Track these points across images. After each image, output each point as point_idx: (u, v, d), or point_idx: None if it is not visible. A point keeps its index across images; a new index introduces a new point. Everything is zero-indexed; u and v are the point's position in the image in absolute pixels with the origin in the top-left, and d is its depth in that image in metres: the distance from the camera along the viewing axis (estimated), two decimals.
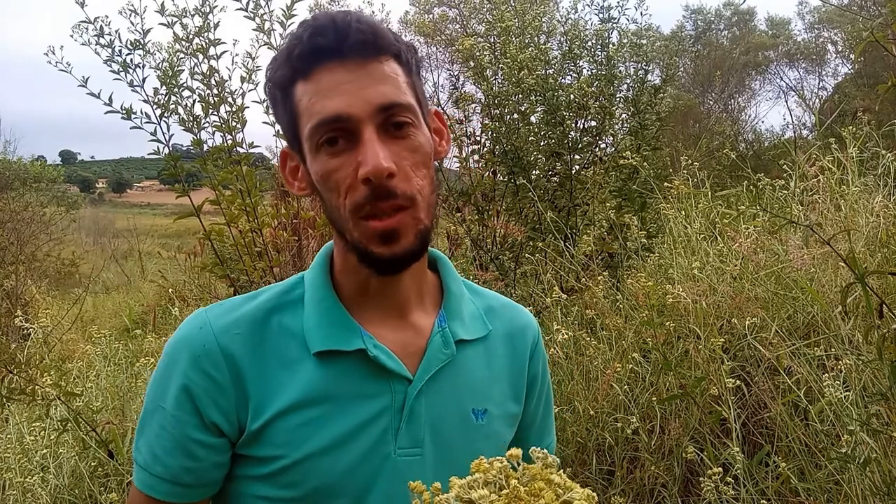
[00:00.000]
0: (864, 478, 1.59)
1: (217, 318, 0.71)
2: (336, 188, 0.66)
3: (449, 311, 0.77)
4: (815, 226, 1.80)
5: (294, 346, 0.70)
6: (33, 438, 2.32)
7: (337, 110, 0.64)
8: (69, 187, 16.60)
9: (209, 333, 0.69)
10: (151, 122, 2.47)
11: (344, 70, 0.64)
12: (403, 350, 0.73)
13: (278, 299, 0.74)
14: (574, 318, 2.54)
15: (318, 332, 0.70)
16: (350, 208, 0.65)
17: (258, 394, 0.69)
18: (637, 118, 3.73)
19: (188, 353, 0.69)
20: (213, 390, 0.68)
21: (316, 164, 0.67)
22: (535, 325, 0.86)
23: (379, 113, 0.64)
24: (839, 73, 14.00)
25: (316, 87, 0.65)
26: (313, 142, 0.66)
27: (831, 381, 1.65)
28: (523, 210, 3.66)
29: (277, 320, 0.72)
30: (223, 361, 0.68)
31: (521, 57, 3.56)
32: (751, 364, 2.14)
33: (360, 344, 0.70)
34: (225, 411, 0.69)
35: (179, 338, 0.71)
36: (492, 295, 0.86)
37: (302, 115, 0.66)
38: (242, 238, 2.55)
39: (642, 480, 2.00)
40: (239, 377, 0.69)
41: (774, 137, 10.17)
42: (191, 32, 2.50)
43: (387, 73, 0.66)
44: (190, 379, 0.68)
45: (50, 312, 3.43)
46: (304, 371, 0.69)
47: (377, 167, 0.62)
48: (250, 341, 0.70)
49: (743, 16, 15.01)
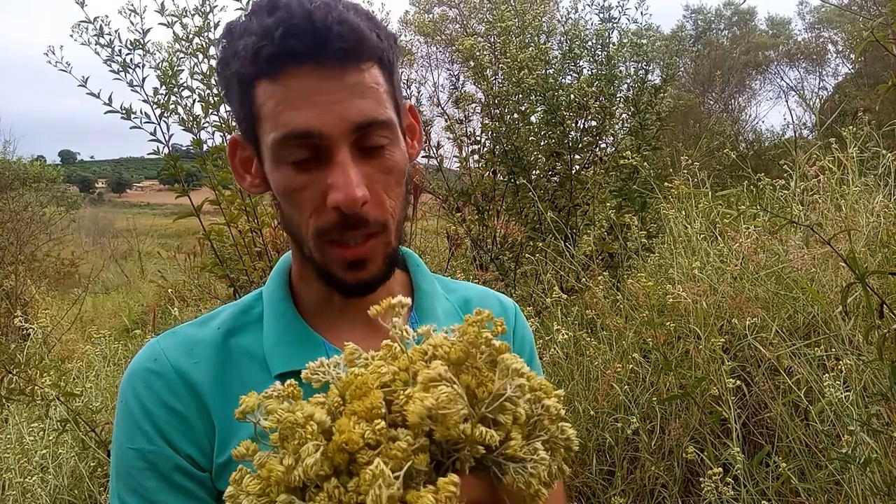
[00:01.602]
0: (865, 478, 1.59)
1: (172, 349, 0.66)
2: (299, 206, 0.60)
3: (421, 312, 0.72)
4: (816, 226, 1.80)
5: (255, 369, 0.65)
6: (33, 439, 2.32)
7: (308, 125, 0.57)
8: (69, 187, 16.60)
9: (165, 365, 0.64)
10: (151, 122, 2.47)
11: (318, 78, 0.57)
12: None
13: (235, 320, 0.68)
14: (574, 318, 2.54)
15: (278, 351, 0.66)
16: (315, 231, 0.60)
17: (222, 425, 0.63)
18: (637, 118, 3.73)
19: (147, 389, 0.63)
20: (179, 424, 0.63)
21: (278, 175, 0.60)
22: (511, 307, 0.81)
23: (354, 132, 0.58)
24: (839, 73, 14.01)
25: (284, 93, 0.57)
26: (276, 152, 0.59)
27: (832, 382, 1.65)
28: (523, 210, 3.66)
29: (236, 343, 0.67)
30: (186, 393, 0.63)
31: (521, 57, 3.56)
32: (751, 364, 2.13)
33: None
34: (197, 444, 0.63)
35: (134, 373, 0.65)
36: (467, 287, 0.80)
37: (265, 119, 0.59)
38: (242, 238, 2.54)
39: (642, 481, 2.00)
40: (203, 408, 0.64)
41: (775, 137, 10.18)
42: (191, 32, 2.49)
43: (367, 85, 0.59)
44: (154, 415, 0.63)
45: (49, 312, 3.43)
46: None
47: (350, 197, 0.57)
48: (211, 369, 0.65)
49: (743, 15, 15.01)
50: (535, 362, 0.82)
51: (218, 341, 0.66)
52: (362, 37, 0.58)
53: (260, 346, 0.66)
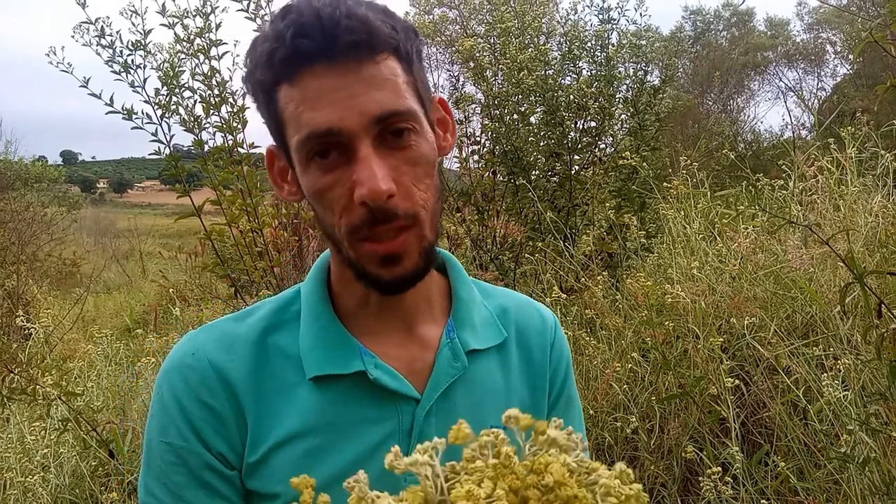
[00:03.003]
0: (863, 477, 1.59)
1: (210, 343, 0.65)
2: (330, 207, 0.60)
3: (458, 319, 0.70)
4: (814, 226, 1.81)
5: (290, 369, 0.65)
6: (34, 438, 2.33)
7: (327, 123, 0.56)
8: (70, 187, 16.61)
9: (203, 360, 0.64)
10: (152, 123, 2.48)
11: (333, 75, 0.56)
12: (409, 367, 0.66)
13: (273, 317, 0.68)
14: (573, 317, 2.54)
15: (314, 354, 0.65)
16: (346, 229, 0.59)
17: (255, 424, 0.63)
18: (636, 119, 3.74)
19: (183, 384, 0.63)
20: (213, 421, 0.63)
21: (307, 178, 0.60)
22: (551, 319, 0.79)
23: (375, 125, 0.57)
24: (838, 74, 14.02)
25: (302, 94, 0.57)
26: (302, 154, 0.59)
27: (830, 381, 1.66)
28: (523, 210, 3.67)
29: (273, 341, 0.66)
30: (221, 390, 0.63)
31: (520, 58, 3.56)
32: (750, 364, 2.14)
33: (360, 365, 0.64)
34: (230, 442, 0.63)
35: (172, 367, 0.65)
36: (505, 293, 0.78)
37: (288, 123, 0.59)
38: (243, 238, 2.55)
39: (642, 480, 2.01)
40: (238, 406, 0.63)
41: (773, 138, 10.18)
42: (192, 33, 2.50)
43: (383, 76, 0.58)
44: (189, 411, 0.63)
45: (51, 312, 3.44)
46: (300, 398, 0.64)
47: (374, 191, 0.56)
48: (247, 366, 0.64)
49: (742, 16, 15.01)
50: (571, 378, 0.80)
51: (255, 338, 0.66)
52: (373, 28, 0.57)
53: (296, 346, 0.65)
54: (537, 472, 0.43)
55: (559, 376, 0.77)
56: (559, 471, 0.43)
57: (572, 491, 0.42)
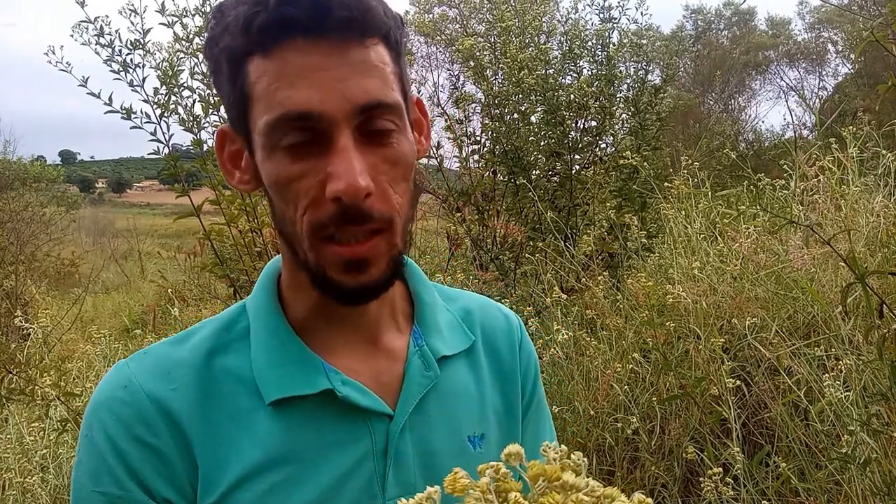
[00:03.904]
0: (865, 478, 1.59)
1: (146, 372, 0.56)
2: (294, 199, 0.53)
3: (424, 325, 0.65)
4: (816, 226, 1.80)
5: (243, 394, 0.57)
6: (33, 438, 2.32)
7: (306, 105, 0.50)
8: (69, 187, 16.60)
9: (138, 392, 0.55)
10: (151, 122, 2.47)
11: (319, 53, 0.50)
12: (376, 381, 0.60)
13: (218, 337, 0.59)
14: (574, 318, 2.54)
15: (272, 374, 0.57)
16: (309, 226, 0.53)
17: (207, 462, 0.55)
18: (637, 118, 3.74)
19: (116, 421, 0.54)
20: (156, 462, 0.54)
21: (270, 164, 0.53)
22: (516, 320, 0.74)
23: (358, 114, 0.51)
24: (839, 73, 14.01)
25: (280, 69, 0.50)
26: (269, 136, 0.52)
27: (831, 382, 1.65)
28: (523, 210, 3.67)
29: (220, 364, 0.58)
30: (162, 425, 0.54)
31: (521, 57, 3.56)
32: (751, 364, 2.14)
33: (326, 383, 0.57)
34: (177, 485, 0.55)
35: (101, 402, 0.56)
36: (466, 295, 0.73)
37: (257, 99, 0.52)
38: (242, 238, 2.54)
39: (642, 481, 2.00)
40: (184, 442, 0.55)
41: (775, 137, 10.18)
42: (191, 32, 2.50)
43: (372, 62, 0.52)
44: (125, 452, 0.54)
45: (49, 312, 3.43)
46: (259, 426, 0.56)
47: (353, 186, 0.50)
48: (192, 396, 0.56)
49: (743, 16, 15.01)
50: (540, 381, 0.76)
51: (199, 363, 0.57)
52: (368, 7, 0.51)
53: (248, 368, 0.58)
54: None
55: (529, 379, 0.72)
56: None
57: None
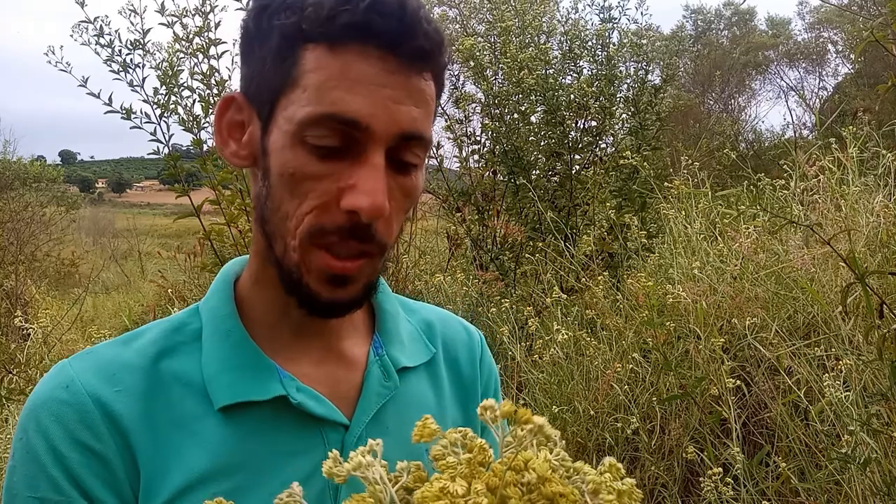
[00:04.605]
0: (865, 478, 1.59)
1: (89, 373, 0.54)
2: (303, 196, 0.51)
3: (385, 334, 0.64)
4: (816, 226, 1.80)
5: (191, 399, 0.55)
6: None
7: (357, 114, 0.49)
8: (69, 187, 16.58)
9: (80, 393, 0.53)
10: (151, 122, 2.47)
11: (384, 69, 0.50)
12: (333, 389, 0.59)
13: (167, 339, 0.57)
14: (574, 318, 2.54)
15: (223, 378, 0.55)
16: (309, 229, 0.51)
17: (150, 468, 0.53)
18: (637, 118, 3.74)
19: (56, 423, 0.52)
20: (96, 467, 0.52)
21: (290, 153, 0.51)
22: (477, 335, 0.74)
23: (399, 139, 0.51)
24: (839, 73, 14.02)
25: (342, 70, 0.50)
26: (304, 129, 0.50)
27: (831, 382, 1.65)
28: (523, 210, 3.67)
29: (168, 367, 0.56)
30: (104, 429, 0.52)
31: (521, 57, 3.56)
32: (751, 364, 2.14)
33: (279, 389, 0.55)
34: (118, 491, 0.52)
35: (39, 403, 0.53)
36: (427, 308, 0.72)
37: (304, 87, 0.50)
38: (242, 238, 2.54)
39: (642, 480, 2.00)
40: (127, 447, 0.53)
41: (775, 137, 10.17)
42: (191, 32, 2.49)
43: (425, 96, 0.53)
44: (64, 456, 0.51)
45: (49, 312, 3.43)
46: (207, 432, 0.54)
47: (376, 205, 0.50)
48: (137, 399, 0.54)
49: (743, 16, 15.01)
50: (499, 395, 0.75)
51: (146, 365, 0.55)
52: (441, 46, 0.53)
53: (198, 372, 0.56)
54: (517, 470, 0.39)
55: (490, 393, 0.71)
56: (542, 467, 0.38)
57: (557, 488, 0.38)
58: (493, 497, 0.39)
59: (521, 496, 0.38)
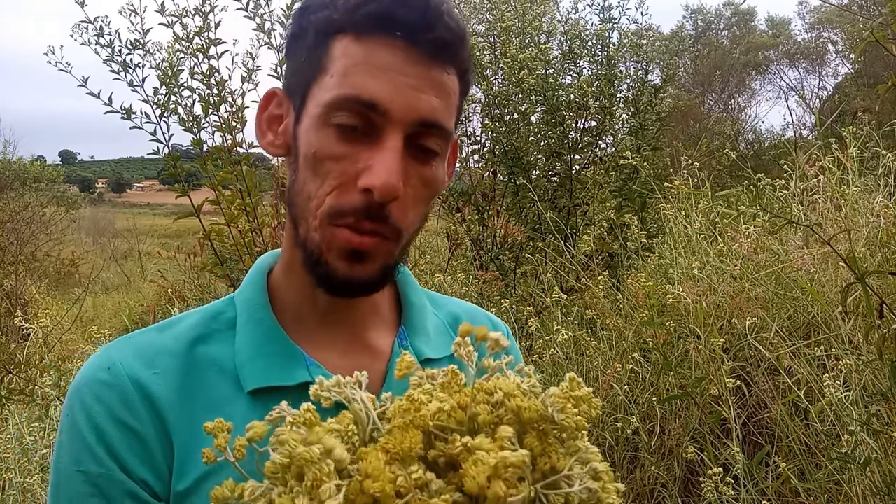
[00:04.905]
0: (865, 478, 1.59)
1: (129, 357, 0.58)
2: (325, 175, 0.55)
3: (410, 327, 0.66)
4: (816, 226, 1.80)
5: (224, 383, 0.58)
6: (33, 439, 2.32)
7: (376, 96, 0.53)
8: (69, 187, 16.58)
9: (120, 376, 0.57)
10: (151, 122, 2.47)
11: (406, 58, 0.53)
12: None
13: (203, 326, 0.61)
14: (574, 318, 2.54)
15: (254, 364, 0.59)
16: (328, 209, 0.55)
17: (183, 447, 0.56)
18: (637, 118, 3.73)
19: (98, 403, 0.56)
20: (135, 445, 0.55)
21: (315, 135, 0.55)
22: (503, 327, 0.77)
23: (417, 125, 0.54)
24: (839, 73, 14.01)
25: (366, 57, 0.53)
26: (328, 111, 0.54)
27: (831, 382, 1.65)
28: (523, 210, 3.66)
29: (204, 353, 0.59)
30: (143, 409, 0.56)
31: (521, 57, 3.56)
32: (751, 364, 2.14)
33: (305, 376, 0.58)
34: (154, 468, 0.56)
35: (84, 384, 0.57)
36: (455, 302, 0.75)
37: (331, 74, 0.54)
38: (242, 238, 2.54)
39: (642, 480, 2.00)
40: (163, 426, 0.56)
41: (775, 137, 10.17)
42: (191, 32, 2.49)
43: (446, 88, 0.56)
44: (106, 433, 0.55)
45: (49, 312, 3.43)
46: (236, 414, 0.56)
47: (388, 184, 0.52)
48: (173, 381, 0.57)
49: (743, 16, 15.01)
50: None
51: (182, 350, 0.59)
52: (464, 39, 0.56)
53: (231, 358, 0.59)
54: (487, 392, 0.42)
55: None
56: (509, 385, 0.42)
57: (521, 402, 0.41)
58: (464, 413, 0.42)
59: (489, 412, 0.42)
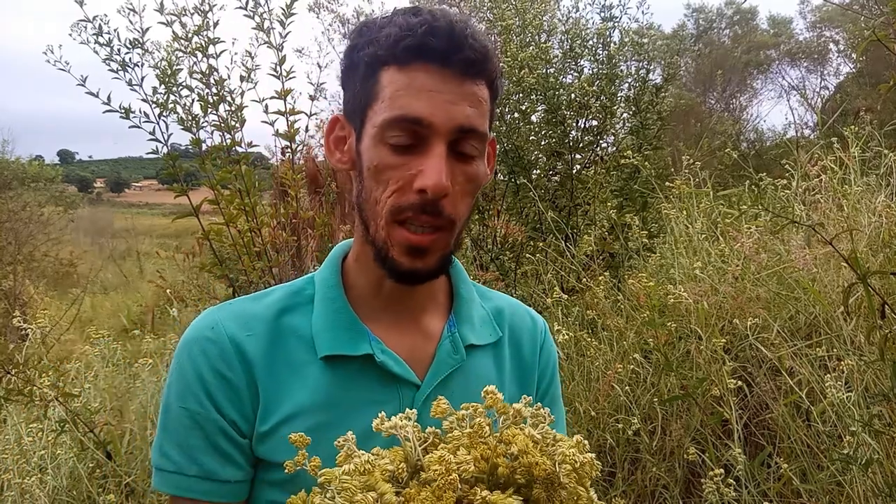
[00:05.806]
0: (866, 479, 1.58)
1: (229, 320, 0.70)
2: (385, 183, 0.66)
3: (459, 316, 0.77)
4: (818, 226, 1.79)
5: (302, 348, 0.70)
6: (31, 439, 2.31)
7: (420, 113, 0.64)
8: (67, 187, 16.56)
9: (222, 335, 0.69)
10: (150, 122, 2.46)
11: (441, 78, 0.65)
12: (411, 355, 0.73)
13: (288, 299, 0.73)
14: (575, 318, 2.53)
15: (326, 335, 0.70)
16: (390, 208, 0.66)
17: (267, 397, 0.69)
18: (638, 117, 3.72)
19: (202, 355, 0.68)
20: (229, 392, 0.68)
21: (374, 151, 0.66)
22: (542, 324, 0.87)
23: (456, 132, 0.65)
24: (841, 73, 13.98)
25: (409, 82, 0.65)
26: (382, 129, 0.65)
27: (833, 382, 1.64)
28: (524, 210, 3.65)
29: (288, 321, 0.71)
30: (237, 363, 0.68)
31: (521, 56, 3.54)
32: (752, 365, 2.13)
33: (368, 349, 0.70)
34: (242, 412, 0.68)
35: (192, 339, 0.70)
36: (500, 297, 0.86)
37: (382, 100, 0.66)
38: (241, 238, 2.53)
39: (643, 482, 1.99)
40: (252, 379, 0.69)
41: (776, 137, 10.16)
42: (190, 31, 2.48)
43: (478, 98, 0.67)
44: (206, 381, 0.68)
45: (48, 313, 3.41)
46: (310, 375, 0.69)
47: (439, 184, 0.64)
48: (262, 342, 0.70)
49: (744, 14, 15.00)
50: (556, 381, 0.87)
51: (271, 317, 0.71)
52: (488, 55, 0.67)
53: (308, 327, 0.71)
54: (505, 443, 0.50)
55: (546, 377, 0.84)
56: (523, 441, 0.50)
57: (533, 458, 0.49)
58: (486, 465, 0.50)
59: (507, 464, 0.50)
